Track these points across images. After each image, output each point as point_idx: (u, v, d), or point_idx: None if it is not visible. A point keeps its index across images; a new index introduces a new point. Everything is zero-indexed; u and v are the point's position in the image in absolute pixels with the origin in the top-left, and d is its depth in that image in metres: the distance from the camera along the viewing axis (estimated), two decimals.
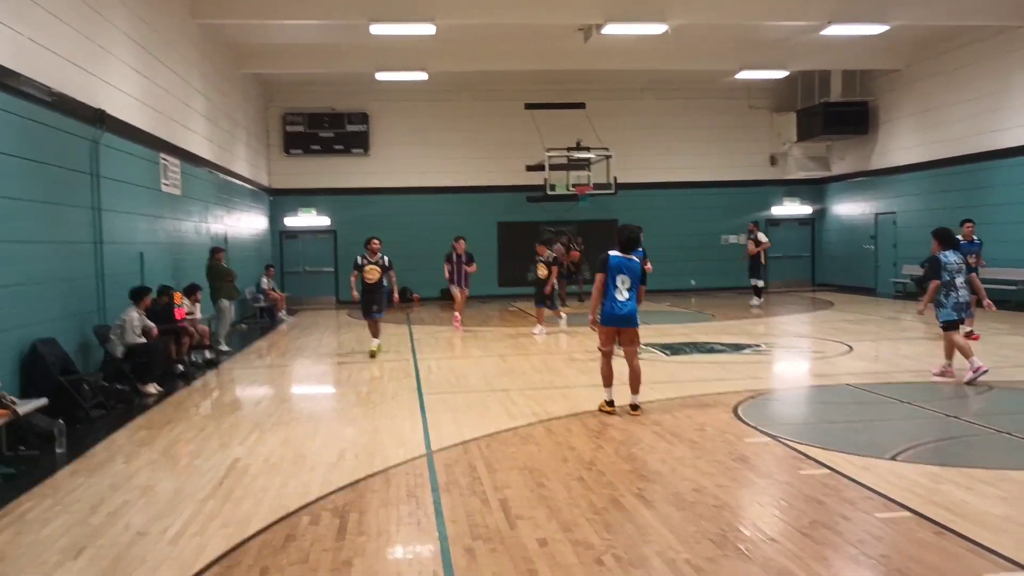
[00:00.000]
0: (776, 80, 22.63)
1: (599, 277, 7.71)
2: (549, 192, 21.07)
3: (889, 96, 21.68)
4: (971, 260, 10.71)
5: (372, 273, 12.25)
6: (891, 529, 4.60)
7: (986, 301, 9.42)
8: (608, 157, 21.27)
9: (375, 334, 12.60)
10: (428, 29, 15.92)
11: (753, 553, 4.32)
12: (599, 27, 16.32)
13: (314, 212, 23.33)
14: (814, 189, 25.27)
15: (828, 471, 5.74)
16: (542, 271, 14.76)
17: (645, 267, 9.40)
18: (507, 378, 10.15)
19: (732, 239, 24.75)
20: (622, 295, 7.65)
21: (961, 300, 8.90)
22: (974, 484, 5.34)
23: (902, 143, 21.21)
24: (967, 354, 8.80)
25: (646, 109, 24.08)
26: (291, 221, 23.41)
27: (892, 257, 21.24)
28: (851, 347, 11.92)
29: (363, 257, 12.39)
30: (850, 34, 17.28)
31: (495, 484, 5.66)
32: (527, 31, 17.76)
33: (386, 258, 12.57)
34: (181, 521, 5.10)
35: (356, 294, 12.39)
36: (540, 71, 21.05)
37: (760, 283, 19.35)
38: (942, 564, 4.11)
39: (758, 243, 19.03)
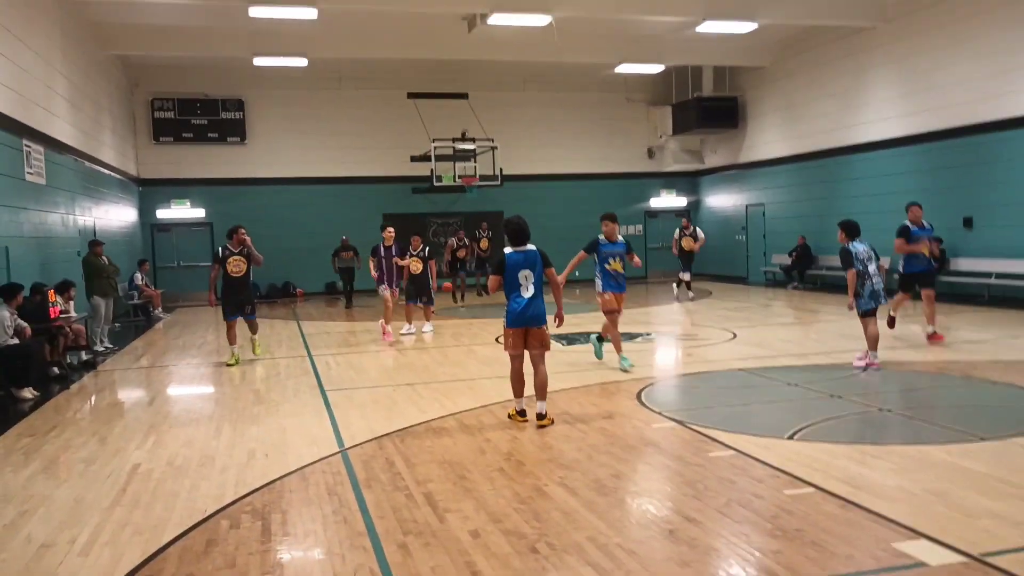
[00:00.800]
0: (653, 75, 23.43)
1: (493, 280, 7.21)
2: (436, 183, 21.00)
3: (756, 92, 22.85)
4: (923, 247, 11.11)
5: (238, 265, 10.85)
6: (801, 504, 4.89)
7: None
8: (493, 148, 21.42)
9: (232, 340, 11.04)
10: (310, 13, 15.54)
11: (678, 534, 4.50)
12: (484, 17, 16.39)
13: (188, 204, 22.28)
14: (689, 181, 26.33)
15: (734, 452, 6.03)
16: (415, 266, 13.53)
17: (633, 261, 9.79)
18: (409, 372, 10.09)
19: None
20: (527, 291, 7.08)
21: (876, 288, 9.13)
22: (866, 459, 5.74)
23: (769, 137, 22.42)
24: (872, 344, 9.22)
25: (529, 101, 24.37)
26: (163, 213, 22.27)
27: (762, 247, 22.44)
28: (735, 334, 12.53)
29: (225, 248, 10.98)
30: (721, 31, 18.10)
31: (416, 478, 5.63)
32: (411, 19, 17.61)
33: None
34: (88, 531, 4.81)
35: (213, 295, 10.99)
36: (423, 60, 20.96)
37: (688, 276, 18.92)
38: (852, 534, 4.42)
39: (696, 238, 18.36)
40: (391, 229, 13.47)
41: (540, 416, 7.04)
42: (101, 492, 5.56)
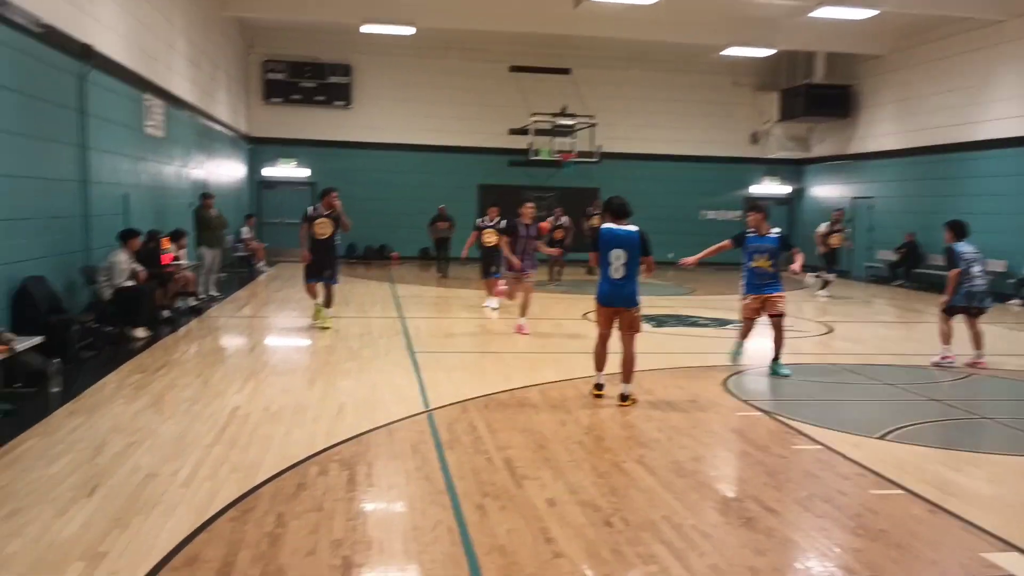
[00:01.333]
0: (761, 59, 22.69)
1: (592, 256, 7.17)
2: (532, 157, 21.03)
3: (871, 82, 21.90)
4: None
5: (324, 227, 10.48)
6: (887, 505, 4.77)
7: None
8: (593, 125, 21.24)
9: (322, 299, 10.79)
10: None
11: (756, 523, 4.46)
12: None
13: (294, 163, 23.00)
14: (794, 169, 25.53)
15: (821, 447, 5.92)
16: (489, 238, 12.72)
17: (792, 267, 8.78)
18: (497, 341, 10.22)
19: (711, 215, 24.99)
20: (617, 272, 6.89)
21: (974, 289, 8.95)
22: (961, 466, 5.55)
23: (881, 129, 21.49)
24: (945, 340, 9.06)
25: (632, 79, 24.02)
26: (270, 171, 23.06)
27: (867, 242, 21.62)
28: (832, 328, 12.18)
29: (316, 208, 10.61)
30: (838, 17, 17.36)
31: (497, 444, 5.75)
32: None
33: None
34: (190, 465, 5.12)
35: (306, 251, 10.51)
36: (527, 34, 20.85)
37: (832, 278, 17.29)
38: (938, 540, 4.30)
39: (843, 234, 16.91)
40: (531, 205, 11.54)
41: (623, 397, 6.98)
42: (202, 430, 5.90)
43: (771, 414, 6.84)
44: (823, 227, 16.83)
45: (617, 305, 7.00)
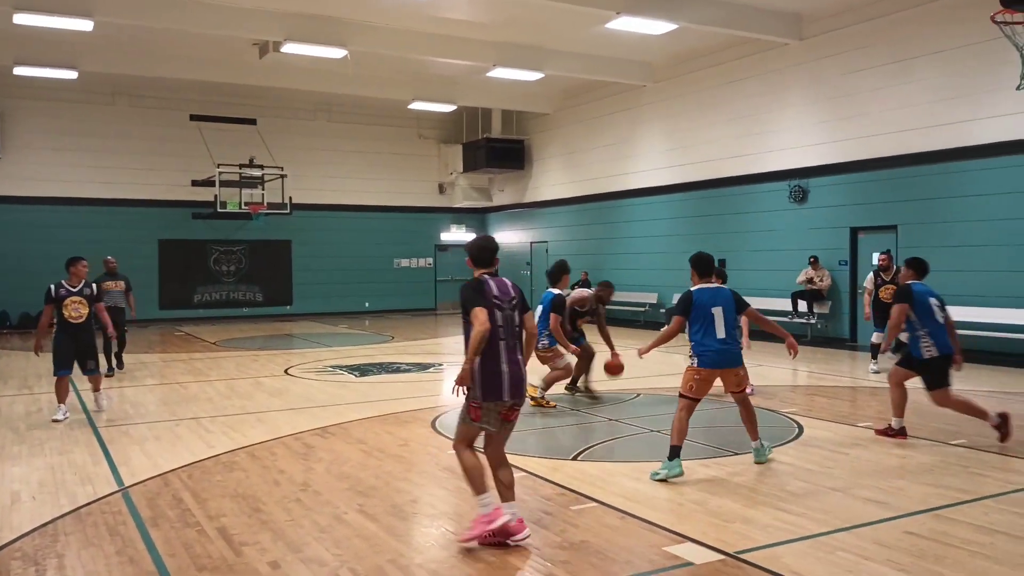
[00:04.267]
0: (445, 113, 24.06)
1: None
2: (220, 209, 20.20)
3: (541, 136, 24.21)
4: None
5: (78, 308, 8.76)
6: (585, 518, 5.31)
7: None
8: (283, 176, 21.00)
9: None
10: (85, 25, 14.55)
11: (477, 552, 4.73)
12: (277, 44, 16.17)
13: None
14: (478, 217, 27.21)
15: (525, 473, 6.39)
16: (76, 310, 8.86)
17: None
18: (193, 405, 9.62)
19: (404, 263, 25.72)
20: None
21: None
22: (640, 475, 6.31)
23: (552, 179, 23.79)
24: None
25: (321, 130, 24.16)
26: None
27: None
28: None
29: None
30: (511, 78, 19.04)
31: (208, 513, 5.45)
32: (197, 39, 16.95)
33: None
34: None
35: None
36: (210, 82, 20.13)
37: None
38: (629, 542, 4.88)
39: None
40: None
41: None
42: None
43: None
44: (869, 281, 12.27)
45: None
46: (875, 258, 13.29)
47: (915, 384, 7.42)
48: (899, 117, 14.16)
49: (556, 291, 8.96)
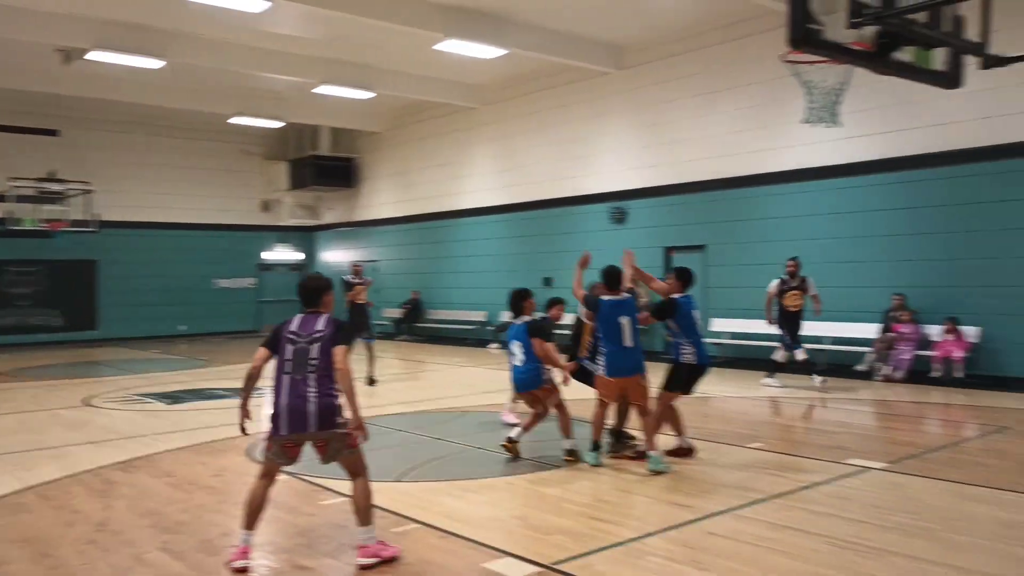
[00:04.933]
0: (270, 129, 23.32)
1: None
2: (13, 227, 18.51)
3: (371, 155, 24.00)
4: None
5: None
6: (405, 540, 5.24)
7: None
8: (89, 192, 19.57)
9: None
10: None
11: None
12: (84, 52, 15.09)
13: None
14: (305, 236, 26.53)
15: (345, 498, 6.21)
16: None
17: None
18: None
19: (225, 283, 24.61)
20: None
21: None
22: (463, 494, 6.33)
23: (383, 198, 23.61)
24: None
25: (135, 144, 22.77)
26: None
27: (376, 302, 23.31)
28: None
29: None
30: (339, 95, 18.76)
31: None
32: None
33: None
34: None
35: None
36: (5, 89, 18.46)
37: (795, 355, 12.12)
38: (449, 561, 4.87)
39: (807, 290, 11.99)
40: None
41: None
42: None
43: (297, 475, 6.99)
44: (773, 286, 12.12)
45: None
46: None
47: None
48: (707, 145, 15.20)
49: (526, 319, 7.79)
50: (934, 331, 12.17)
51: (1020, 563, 4.64)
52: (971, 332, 11.81)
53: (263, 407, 10.30)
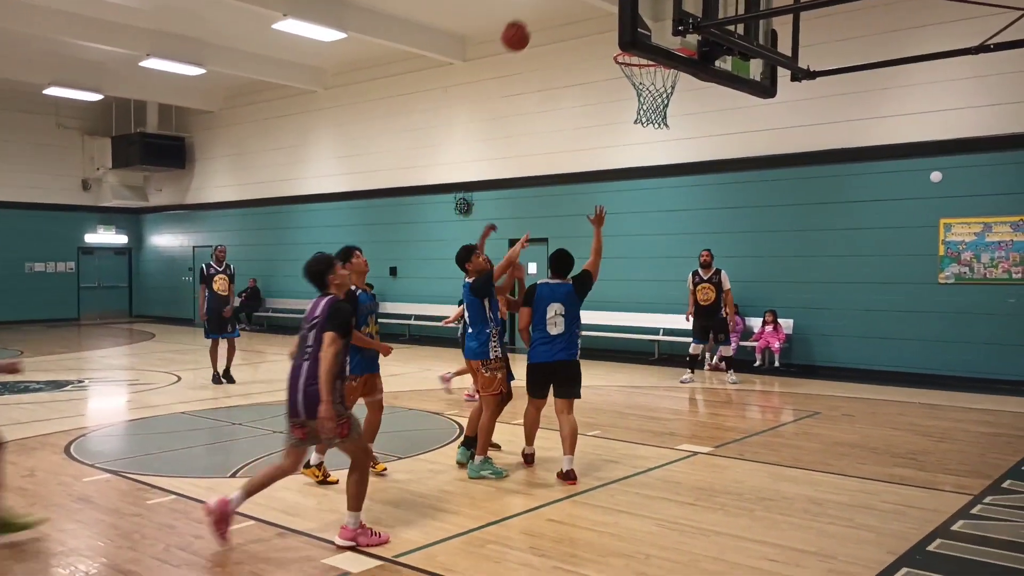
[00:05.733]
0: (90, 102, 21.62)
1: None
2: None
3: (205, 135, 22.80)
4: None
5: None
6: (241, 538, 5.04)
7: None
8: None
9: None
10: None
11: None
12: None
13: None
14: (131, 219, 24.87)
15: (175, 496, 5.93)
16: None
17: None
18: None
19: (40, 267, 22.65)
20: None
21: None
22: (300, 487, 6.16)
23: (218, 181, 22.51)
24: None
25: None
26: None
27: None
28: (179, 377, 12.20)
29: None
30: (168, 70, 17.65)
31: None
32: None
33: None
34: None
35: None
36: None
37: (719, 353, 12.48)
38: (287, 558, 4.73)
39: (722, 287, 11.76)
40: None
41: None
42: None
43: (121, 474, 6.57)
44: (689, 280, 12.00)
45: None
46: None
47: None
48: (549, 140, 15.54)
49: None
50: (756, 323, 13.11)
51: (829, 538, 5.08)
52: (787, 324, 12.80)
53: (88, 396, 9.56)
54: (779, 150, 12.90)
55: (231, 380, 11.47)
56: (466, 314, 6.78)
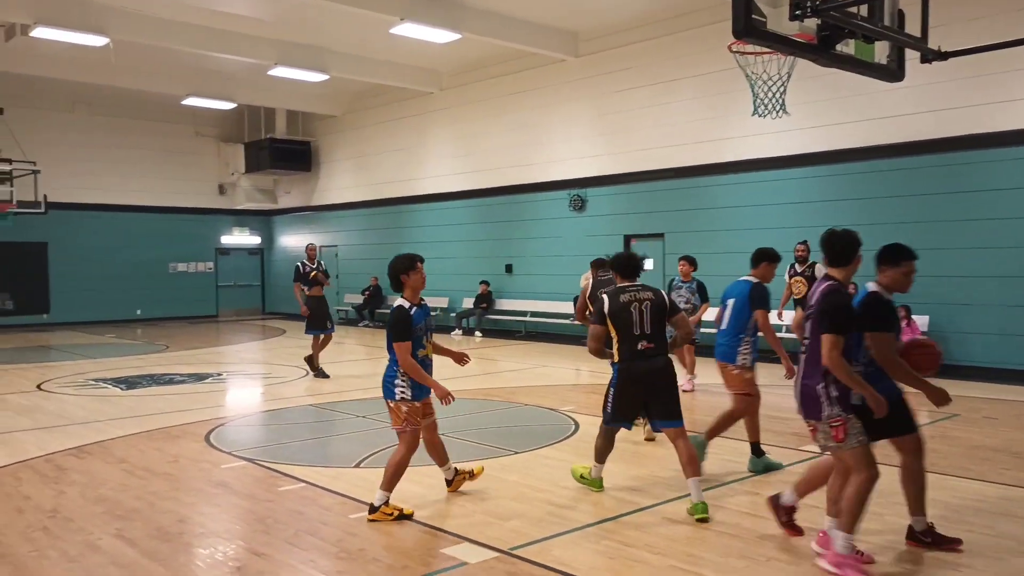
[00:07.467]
0: (224, 111, 22.90)
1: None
2: None
3: (329, 139, 23.71)
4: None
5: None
6: (364, 526, 5.25)
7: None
8: (34, 172, 19.03)
9: None
10: None
11: (246, 569, 4.54)
12: (26, 27, 14.64)
13: None
14: (262, 220, 26.16)
15: (304, 484, 6.22)
16: None
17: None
18: None
19: (182, 267, 24.22)
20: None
21: None
22: (422, 479, 6.33)
23: (341, 182, 23.37)
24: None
25: (81, 124, 22.21)
26: None
27: (335, 287, 23.12)
28: (307, 371, 12.76)
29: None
30: (294, 78, 18.48)
31: None
32: None
33: None
34: None
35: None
36: None
37: None
38: (407, 546, 4.89)
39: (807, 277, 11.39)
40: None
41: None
42: None
43: (256, 461, 6.95)
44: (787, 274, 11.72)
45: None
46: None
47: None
48: (664, 133, 15.30)
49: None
50: None
51: (967, 547, 4.80)
52: (922, 322, 12.12)
53: (226, 389, 10.17)
54: (905, 138, 12.20)
55: (323, 375, 11.89)
56: (727, 315, 6.74)
